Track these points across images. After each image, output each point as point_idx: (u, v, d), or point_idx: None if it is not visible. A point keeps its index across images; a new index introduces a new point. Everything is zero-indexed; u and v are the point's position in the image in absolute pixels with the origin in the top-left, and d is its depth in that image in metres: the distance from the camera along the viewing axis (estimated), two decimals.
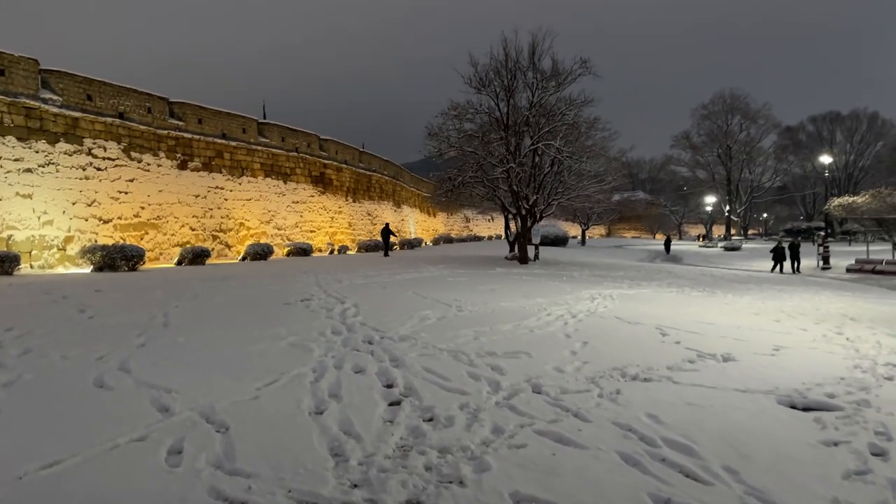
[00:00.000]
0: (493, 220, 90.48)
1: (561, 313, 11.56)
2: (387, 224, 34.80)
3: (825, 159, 47.71)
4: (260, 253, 28.48)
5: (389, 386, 6.27)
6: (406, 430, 4.98)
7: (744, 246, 68.22)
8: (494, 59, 26.16)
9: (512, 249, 34.83)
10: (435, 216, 72.58)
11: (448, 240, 60.15)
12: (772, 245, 35.84)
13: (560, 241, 55.46)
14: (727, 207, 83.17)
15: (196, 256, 24.91)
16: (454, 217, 79.67)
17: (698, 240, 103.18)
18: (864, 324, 12.15)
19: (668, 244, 63.51)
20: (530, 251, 28.76)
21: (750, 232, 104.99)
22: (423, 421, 5.20)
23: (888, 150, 77.74)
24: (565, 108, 26.11)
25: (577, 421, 5.22)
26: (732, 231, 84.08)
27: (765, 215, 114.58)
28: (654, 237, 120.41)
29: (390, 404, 5.69)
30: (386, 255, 32.98)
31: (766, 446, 4.80)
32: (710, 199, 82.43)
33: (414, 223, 61.46)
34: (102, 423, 4.97)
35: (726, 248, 65.21)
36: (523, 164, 25.70)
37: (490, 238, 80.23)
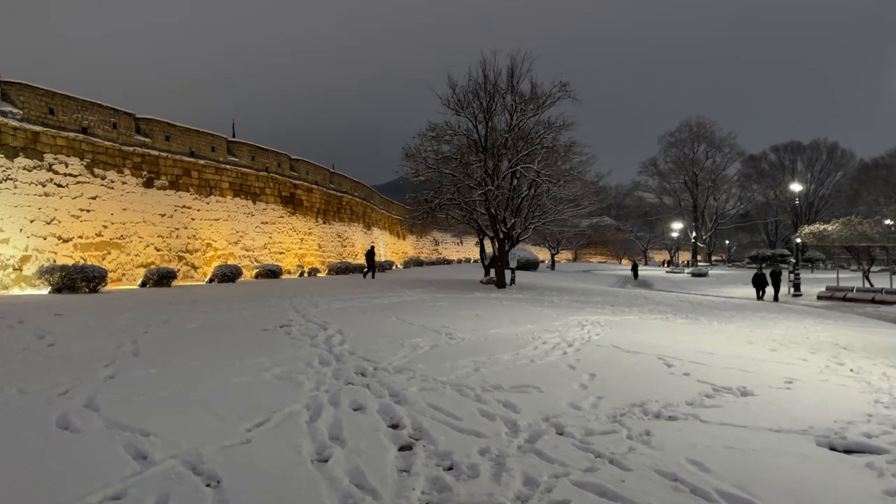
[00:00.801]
0: (461, 243, 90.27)
1: (556, 342, 11.03)
2: (372, 247, 35.42)
3: (795, 187, 48.47)
4: (228, 275, 27.48)
5: (395, 426, 5.62)
6: (426, 482, 4.34)
7: (710, 272, 68.82)
8: (473, 80, 25.89)
9: (487, 273, 34.33)
10: (404, 239, 71.94)
11: (418, 263, 59.50)
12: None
13: (531, 265, 55.33)
14: (694, 234, 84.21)
15: (161, 278, 23.86)
16: (423, 240, 79.12)
17: (664, 265, 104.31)
18: (859, 353, 11.91)
19: (635, 269, 63.87)
20: (507, 275, 28.31)
21: (713, 258, 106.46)
22: (444, 470, 4.56)
23: (847, 180, 79.69)
24: (543, 131, 25.89)
25: (616, 470, 4.64)
26: (698, 257, 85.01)
27: (727, 242, 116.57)
28: (620, 262, 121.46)
29: (401, 449, 5.04)
30: (367, 276, 33.04)
31: (832, 499, 4.29)
32: (677, 226, 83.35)
33: (384, 245, 60.72)
34: (69, 475, 4.23)
35: (693, 274, 65.65)
36: (501, 186, 25.33)
37: (459, 261, 79.74)
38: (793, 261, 34.33)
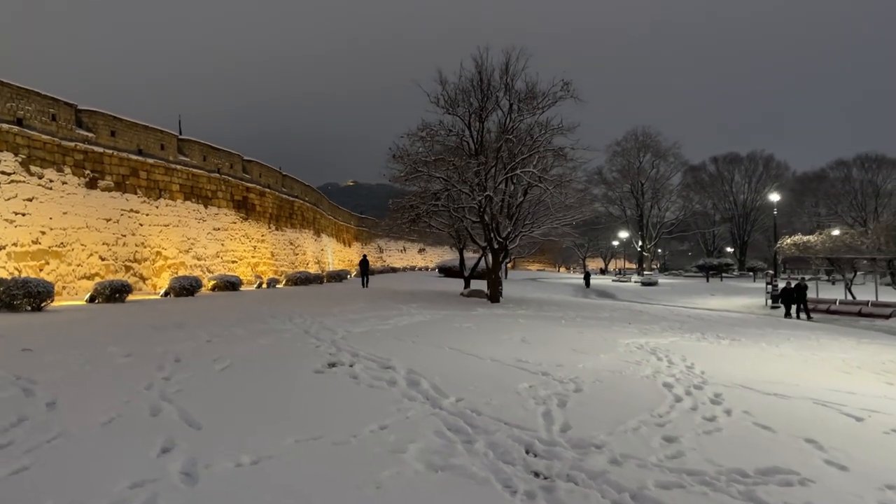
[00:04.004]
0: (405, 251, 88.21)
1: (673, 383, 9.10)
2: (364, 256, 36.46)
3: (774, 197, 48.82)
4: (187, 287, 24.29)
5: None
6: None
7: (660, 281, 68.93)
8: (465, 77, 23.85)
9: (467, 285, 32.22)
10: (350, 246, 69.15)
11: (371, 272, 56.77)
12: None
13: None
14: (640, 243, 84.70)
15: (114, 292, 20.59)
16: (368, 247, 76.43)
17: (600, 273, 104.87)
18: None
19: (587, 278, 63.29)
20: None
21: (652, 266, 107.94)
22: None
23: (785, 192, 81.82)
24: (539, 133, 24.10)
25: None
26: (644, 266, 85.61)
27: (659, 251, 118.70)
28: (558, 270, 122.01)
29: None
30: (364, 286, 34.08)
31: None
32: (622, 234, 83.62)
33: (332, 253, 57.80)
34: None
35: (643, 283, 65.48)
36: (498, 192, 23.38)
37: (405, 269, 77.45)
38: (771, 272, 33.87)
